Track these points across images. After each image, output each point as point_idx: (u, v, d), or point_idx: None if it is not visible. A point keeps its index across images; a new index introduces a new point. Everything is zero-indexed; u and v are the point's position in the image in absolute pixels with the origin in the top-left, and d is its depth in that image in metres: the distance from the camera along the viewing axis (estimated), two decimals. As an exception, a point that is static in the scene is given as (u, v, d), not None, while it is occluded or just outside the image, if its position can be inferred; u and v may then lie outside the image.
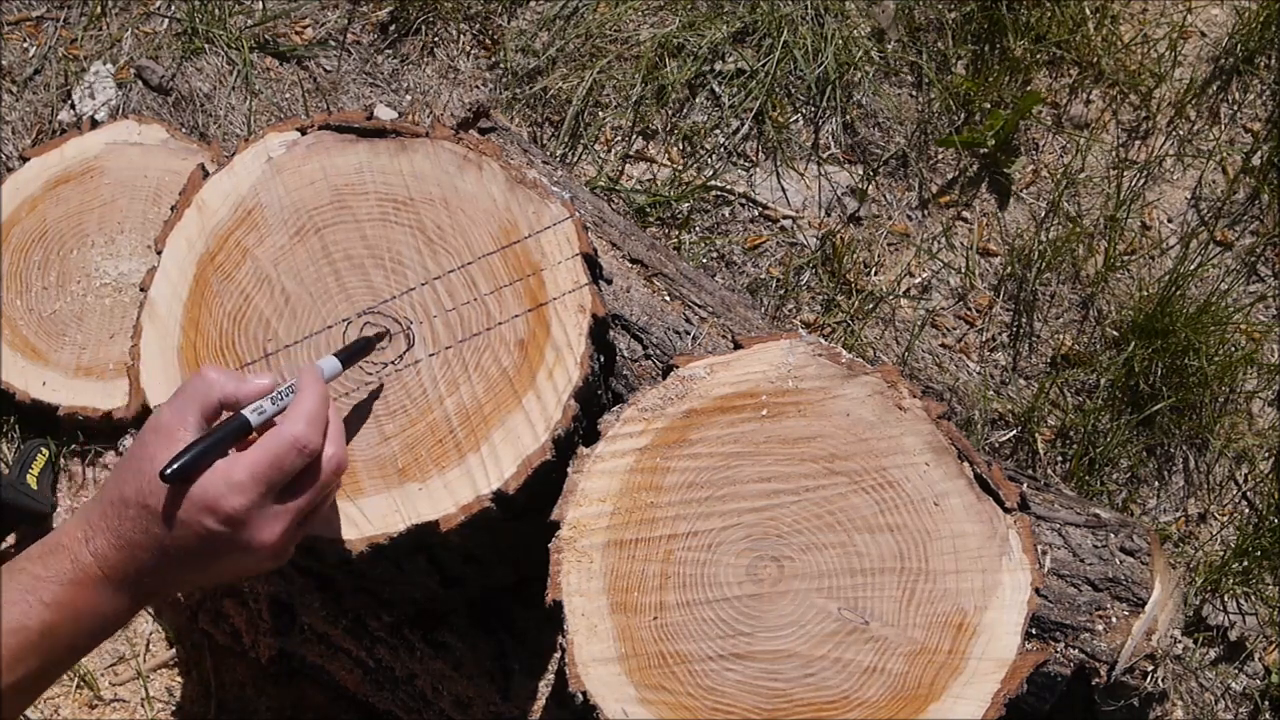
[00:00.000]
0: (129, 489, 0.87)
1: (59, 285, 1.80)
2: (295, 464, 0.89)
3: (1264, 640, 1.72)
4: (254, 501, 0.87)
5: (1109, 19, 2.02)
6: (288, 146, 1.12)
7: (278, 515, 0.89)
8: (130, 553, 0.87)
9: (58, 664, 0.89)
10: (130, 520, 0.87)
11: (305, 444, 0.89)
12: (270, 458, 0.87)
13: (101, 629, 0.90)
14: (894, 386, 1.07)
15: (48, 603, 0.86)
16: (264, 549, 0.89)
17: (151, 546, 0.87)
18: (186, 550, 0.87)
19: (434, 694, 1.43)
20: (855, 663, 0.99)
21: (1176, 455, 1.82)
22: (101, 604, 0.88)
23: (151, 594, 0.91)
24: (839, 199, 1.95)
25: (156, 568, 0.88)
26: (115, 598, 0.88)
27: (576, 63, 2.00)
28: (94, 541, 0.87)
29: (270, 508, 0.89)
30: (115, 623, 0.90)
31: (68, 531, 0.88)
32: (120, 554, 0.87)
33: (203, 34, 2.00)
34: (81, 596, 0.87)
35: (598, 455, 1.06)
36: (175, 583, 0.91)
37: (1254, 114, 2.00)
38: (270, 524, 0.89)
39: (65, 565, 0.87)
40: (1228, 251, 1.92)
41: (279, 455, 0.88)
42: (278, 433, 0.89)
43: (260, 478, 0.87)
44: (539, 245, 1.09)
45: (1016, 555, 1.02)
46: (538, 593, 1.02)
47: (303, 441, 0.89)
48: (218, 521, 0.86)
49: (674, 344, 1.41)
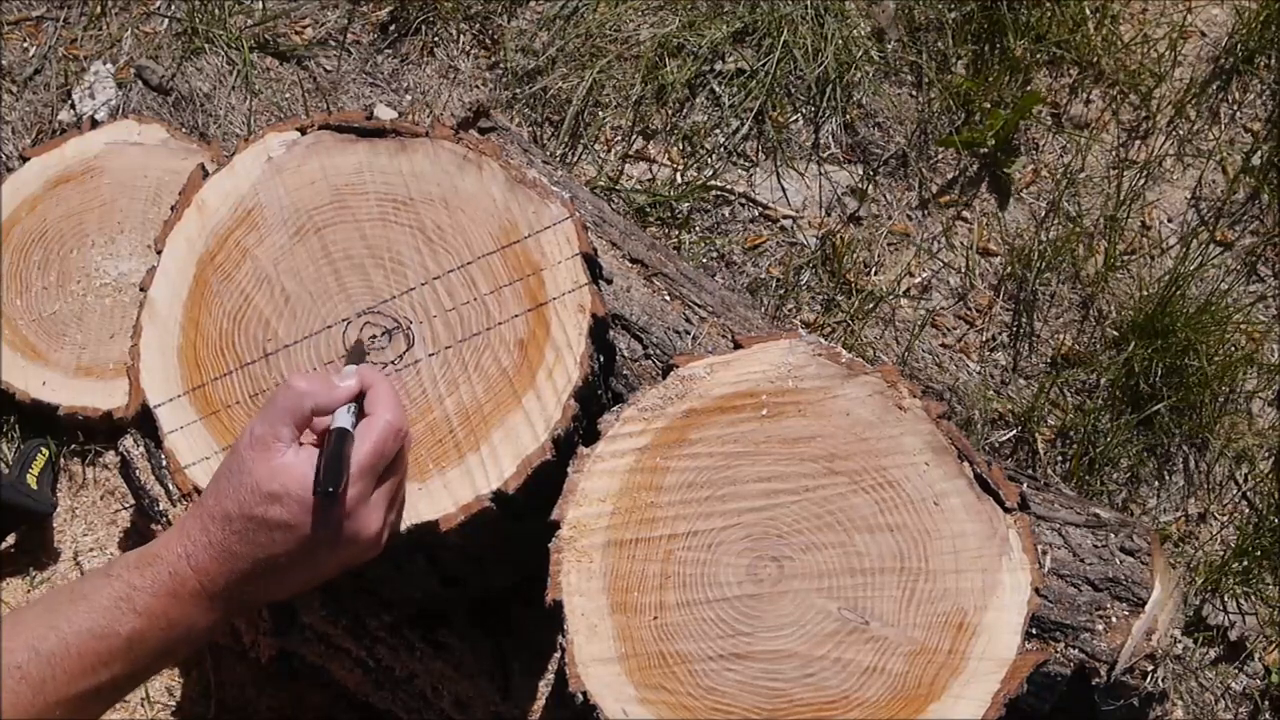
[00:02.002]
0: (230, 503, 0.89)
1: (59, 285, 1.80)
2: (394, 449, 0.93)
3: (1264, 640, 1.72)
4: (363, 493, 0.90)
5: (1109, 19, 2.02)
6: (288, 146, 1.12)
7: (378, 503, 0.93)
8: (231, 564, 0.89)
9: (144, 670, 0.91)
10: (236, 534, 0.89)
11: (401, 427, 0.94)
12: (373, 448, 0.91)
13: (191, 639, 0.91)
14: (894, 386, 1.07)
15: (140, 611, 0.87)
16: (371, 538, 0.92)
17: (259, 557, 0.89)
18: (293, 554, 0.89)
19: (434, 694, 1.43)
20: (855, 662, 0.99)
21: (1176, 455, 1.82)
22: (194, 616, 0.90)
23: (250, 603, 0.93)
24: (839, 199, 1.95)
25: (259, 576, 0.90)
26: (209, 610, 0.90)
27: (576, 63, 2.00)
28: (195, 557, 0.89)
29: (372, 497, 0.92)
30: (206, 633, 0.92)
31: (167, 544, 0.90)
32: (221, 566, 0.89)
33: (203, 34, 1.99)
34: (176, 608, 0.89)
35: (598, 455, 1.06)
36: (278, 589, 0.93)
37: (1254, 114, 2.00)
38: (375, 512, 0.92)
39: (163, 577, 0.88)
40: (1228, 251, 1.92)
41: (381, 443, 0.92)
42: (374, 423, 0.92)
43: (366, 468, 0.91)
44: (539, 245, 1.09)
45: (1016, 555, 1.02)
46: (538, 593, 1.02)
47: (398, 425, 0.93)
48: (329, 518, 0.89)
49: (674, 344, 1.41)
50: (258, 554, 0.89)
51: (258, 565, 0.89)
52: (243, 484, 0.89)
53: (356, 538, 0.91)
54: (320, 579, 0.94)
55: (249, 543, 0.89)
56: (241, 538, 0.89)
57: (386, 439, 0.92)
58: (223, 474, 0.91)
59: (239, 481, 0.89)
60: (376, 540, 0.93)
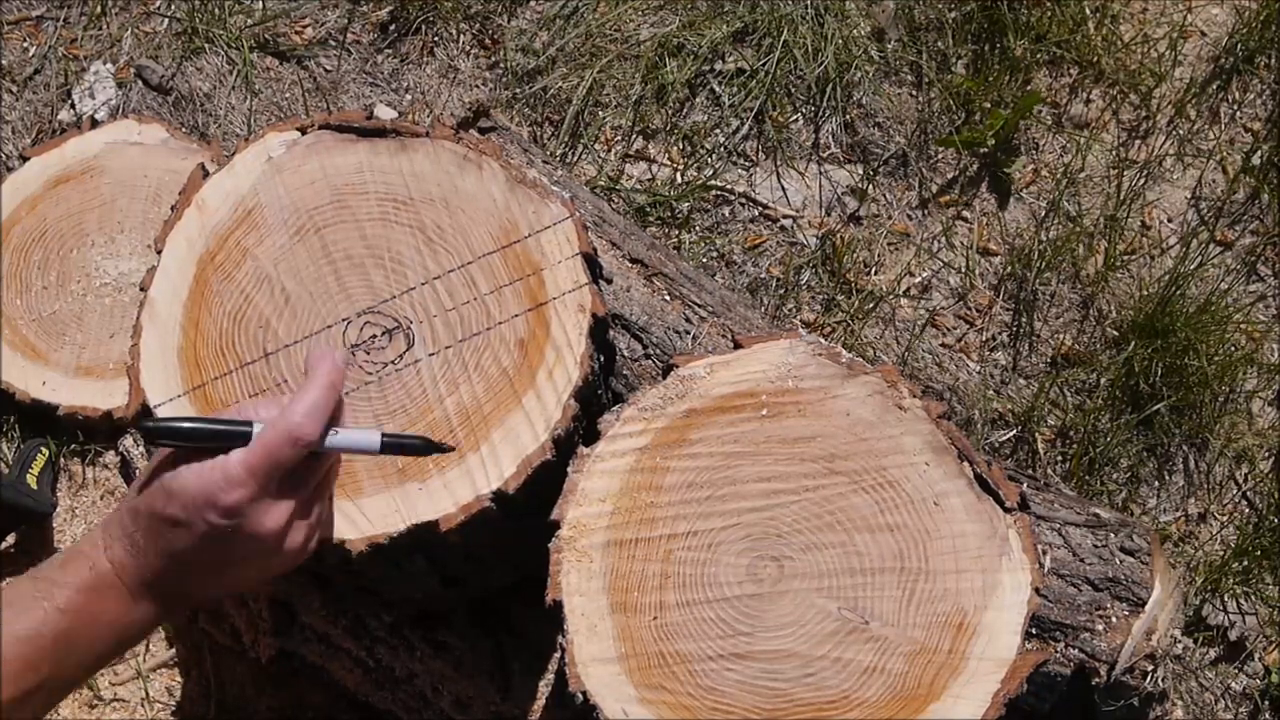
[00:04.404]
0: (141, 499, 0.88)
1: (59, 285, 1.80)
2: (290, 456, 0.88)
3: (1264, 640, 1.72)
4: (253, 494, 0.87)
5: (1109, 19, 2.02)
6: (288, 146, 1.12)
7: (279, 507, 0.89)
8: (144, 559, 0.88)
9: (78, 669, 0.89)
10: (144, 529, 0.88)
11: (300, 436, 0.88)
12: (265, 450, 0.87)
13: (122, 637, 0.90)
14: (894, 386, 1.07)
15: (63, 609, 0.86)
16: (269, 540, 0.89)
17: (164, 552, 0.88)
18: (195, 551, 0.88)
19: (434, 694, 1.43)
20: (855, 662, 0.99)
21: (1176, 455, 1.82)
22: (119, 611, 0.89)
23: (173, 601, 0.92)
24: (839, 199, 1.95)
25: (171, 573, 0.89)
26: (134, 606, 0.89)
27: (576, 62, 2.00)
28: (111, 549, 0.89)
29: (269, 501, 0.88)
30: (138, 631, 0.91)
31: (88, 539, 0.90)
32: (135, 560, 0.88)
33: (203, 34, 1.99)
34: (98, 603, 0.88)
35: (598, 455, 1.06)
36: (195, 587, 0.92)
37: (1254, 114, 2.00)
38: (272, 515, 0.88)
39: (84, 572, 0.88)
40: (1228, 251, 1.92)
41: (274, 448, 0.87)
42: (274, 423, 0.88)
43: (256, 469, 0.86)
44: (539, 245, 1.09)
45: (1016, 555, 1.02)
46: (538, 593, 1.02)
47: (297, 433, 0.88)
48: (218, 516, 0.86)
49: (674, 343, 1.41)
50: (163, 550, 0.88)
51: (167, 562, 0.88)
52: (152, 480, 0.89)
53: (254, 538, 0.88)
54: (237, 585, 0.93)
55: (155, 538, 0.88)
56: (148, 534, 0.88)
57: (280, 444, 0.87)
58: (144, 471, 0.91)
59: (151, 478, 0.89)
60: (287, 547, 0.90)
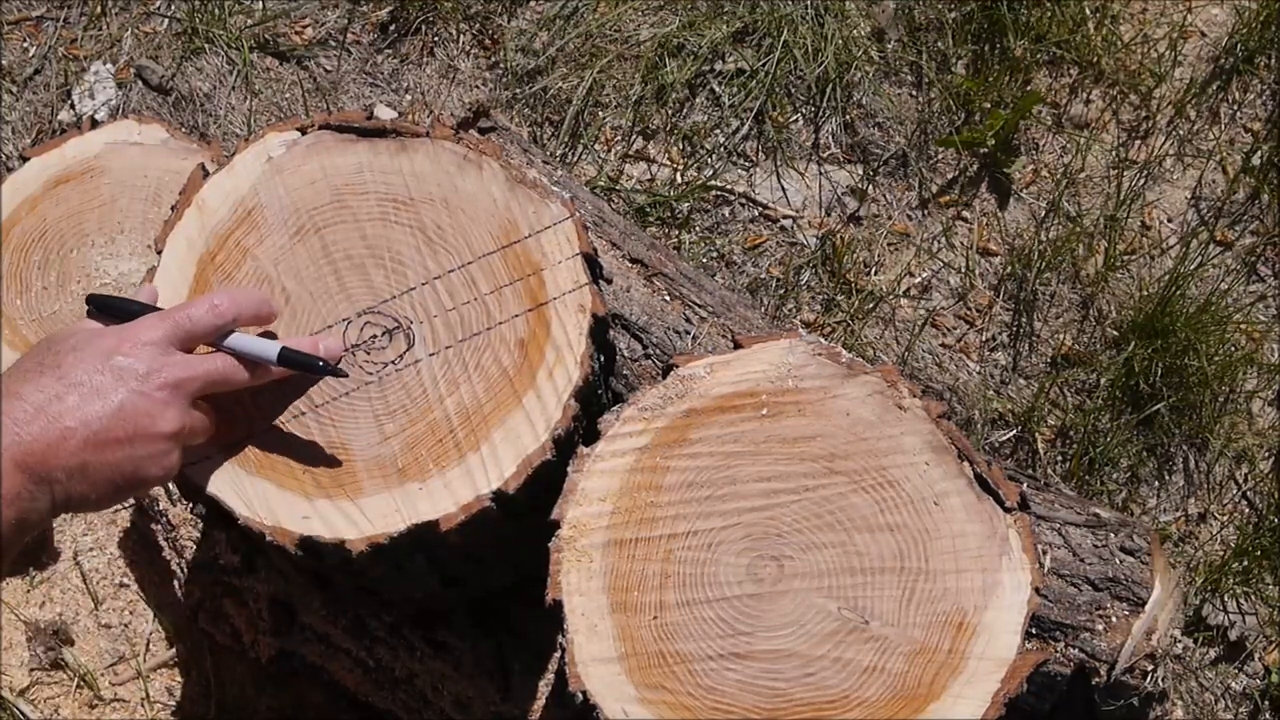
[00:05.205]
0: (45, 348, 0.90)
1: (59, 285, 1.80)
2: (203, 319, 0.96)
3: (1264, 640, 1.72)
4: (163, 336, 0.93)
5: (1109, 19, 2.02)
6: (288, 146, 1.12)
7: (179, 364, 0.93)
8: (16, 405, 0.86)
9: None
10: (23, 370, 0.89)
11: (218, 303, 0.97)
12: (182, 307, 0.96)
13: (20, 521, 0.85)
14: (894, 386, 1.07)
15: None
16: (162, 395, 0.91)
17: (43, 401, 0.86)
18: (89, 388, 0.88)
19: (434, 694, 1.43)
20: (855, 662, 0.99)
21: (1176, 455, 1.82)
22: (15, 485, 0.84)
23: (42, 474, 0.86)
24: (839, 199, 1.95)
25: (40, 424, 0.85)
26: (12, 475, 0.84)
27: (576, 63, 2.00)
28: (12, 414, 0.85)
29: (176, 355, 0.94)
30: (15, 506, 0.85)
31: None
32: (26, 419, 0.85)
33: (203, 34, 2.00)
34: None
35: (598, 455, 1.06)
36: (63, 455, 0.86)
37: (1254, 114, 2.00)
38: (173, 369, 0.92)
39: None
40: (1228, 251, 1.92)
41: (190, 305, 0.96)
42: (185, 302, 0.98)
43: (167, 315, 0.95)
44: (539, 245, 1.09)
45: (1016, 555, 1.02)
46: (538, 593, 1.02)
47: (216, 300, 0.97)
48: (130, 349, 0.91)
49: (674, 343, 1.41)
50: (45, 396, 0.86)
51: (39, 413, 0.86)
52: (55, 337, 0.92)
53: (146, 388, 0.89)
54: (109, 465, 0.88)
55: (37, 375, 0.88)
56: (30, 372, 0.88)
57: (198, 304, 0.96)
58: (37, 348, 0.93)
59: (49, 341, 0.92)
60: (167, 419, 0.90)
